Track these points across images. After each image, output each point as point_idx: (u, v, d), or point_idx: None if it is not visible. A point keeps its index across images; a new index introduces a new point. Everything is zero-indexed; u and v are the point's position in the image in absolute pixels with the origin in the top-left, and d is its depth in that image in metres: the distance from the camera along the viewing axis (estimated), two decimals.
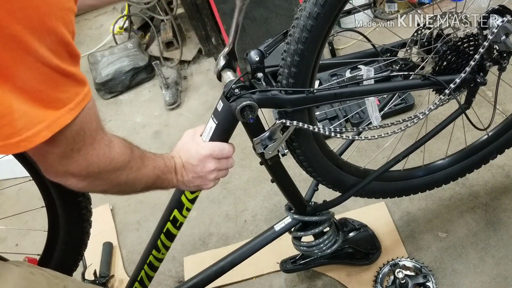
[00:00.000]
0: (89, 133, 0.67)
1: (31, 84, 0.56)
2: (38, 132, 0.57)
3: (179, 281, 1.65)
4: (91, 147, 0.68)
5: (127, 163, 0.77)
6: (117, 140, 0.75)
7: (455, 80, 1.03)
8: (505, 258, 1.41)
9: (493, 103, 1.24)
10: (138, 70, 2.61)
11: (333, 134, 1.00)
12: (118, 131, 2.37)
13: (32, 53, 0.54)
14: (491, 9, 1.01)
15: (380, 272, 1.43)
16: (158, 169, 0.86)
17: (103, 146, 0.71)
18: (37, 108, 0.57)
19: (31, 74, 0.55)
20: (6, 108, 0.54)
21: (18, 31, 0.52)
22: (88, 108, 0.64)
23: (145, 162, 0.83)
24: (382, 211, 1.62)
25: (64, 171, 0.68)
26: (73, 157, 0.66)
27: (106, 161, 0.72)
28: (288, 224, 1.28)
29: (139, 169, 0.81)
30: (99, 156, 0.70)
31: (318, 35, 0.89)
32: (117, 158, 0.74)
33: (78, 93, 0.61)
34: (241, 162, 1.97)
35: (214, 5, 2.08)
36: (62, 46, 0.58)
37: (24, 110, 0.56)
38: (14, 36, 0.52)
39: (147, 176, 0.83)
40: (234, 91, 0.93)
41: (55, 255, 1.22)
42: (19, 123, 0.56)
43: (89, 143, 0.68)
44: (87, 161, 0.68)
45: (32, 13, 0.53)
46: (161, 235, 1.15)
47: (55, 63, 0.57)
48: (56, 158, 0.65)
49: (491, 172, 1.64)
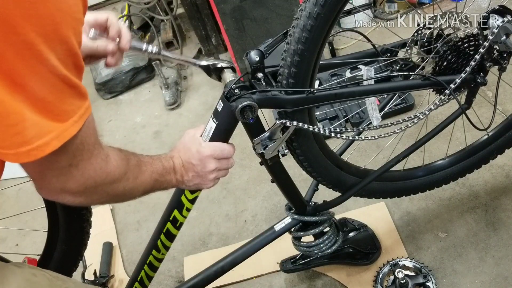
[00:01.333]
0: (87, 147, 0.66)
1: (42, 94, 0.55)
2: (49, 141, 0.57)
3: (179, 281, 1.65)
4: (89, 162, 0.67)
5: (123, 174, 0.76)
6: (113, 153, 0.75)
7: (455, 80, 1.03)
8: (505, 258, 1.41)
9: (493, 103, 1.24)
10: (138, 70, 2.61)
11: (333, 134, 1.00)
12: (118, 131, 2.38)
13: (44, 62, 0.53)
14: (491, 9, 1.01)
15: (380, 272, 1.43)
16: (156, 173, 0.85)
17: (100, 160, 0.70)
18: (45, 119, 0.56)
19: (42, 84, 0.54)
20: (18, 117, 0.54)
21: (32, 38, 0.51)
22: (88, 122, 0.63)
23: (142, 168, 0.82)
24: (382, 211, 1.62)
25: (61, 188, 0.67)
26: (71, 173, 0.65)
27: (103, 175, 0.71)
28: (288, 224, 1.28)
29: (136, 177, 0.80)
30: (96, 171, 0.69)
31: (318, 35, 0.89)
32: (113, 171, 0.73)
33: (80, 106, 0.60)
34: (241, 162, 1.97)
35: (214, 5, 2.08)
36: (71, 56, 0.57)
37: (35, 120, 0.55)
38: (28, 44, 0.51)
39: (145, 183, 0.83)
40: (234, 91, 0.93)
41: (55, 255, 1.22)
42: (30, 132, 0.55)
43: (87, 158, 0.67)
44: (84, 177, 0.68)
45: (46, 20, 0.52)
46: (161, 235, 1.15)
47: (63, 74, 0.56)
48: (55, 175, 0.65)
49: (491, 172, 1.64)
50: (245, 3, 2.05)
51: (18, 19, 0.50)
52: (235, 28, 2.14)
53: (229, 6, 2.07)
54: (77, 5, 0.57)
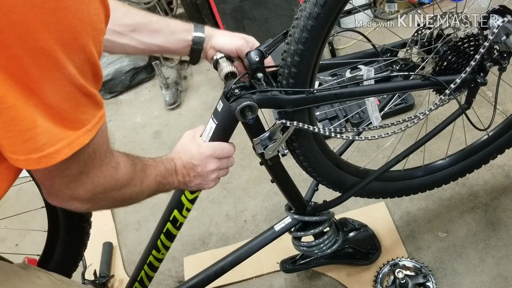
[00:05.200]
0: (99, 155, 0.66)
1: (55, 101, 0.54)
2: (60, 149, 0.56)
3: (179, 281, 1.65)
4: (99, 170, 0.67)
5: (131, 181, 0.76)
6: (122, 160, 0.75)
7: (455, 80, 1.03)
8: (505, 258, 1.41)
9: (493, 103, 1.24)
10: (138, 70, 2.61)
11: (333, 134, 1.00)
12: (118, 131, 2.38)
13: (60, 70, 0.53)
14: (492, 9, 1.01)
15: (380, 272, 1.43)
16: (160, 175, 0.85)
17: (110, 168, 0.70)
18: (57, 126, 0.55)
19: (57, 91, 0.54)
20: (30, 123, 0.53)
21: (50, 45, 0.51)
22: (102, 131, 0.63)
23: (147, 172, 0.82)
24: (382, 211, 1.62)
25: (70, 195, 0.67)
26: (81, 180, 0.65)
27: (112, 182, 0.71)
28: (288, 224, 1.28)
29: (142, 182, 0.80)
30: (106, 178, 0.69)
31: (318, 35, 0.89)
32: (122, 178, 0.73)
33: (95, 115, 0.60)
34: (241, 162, 1.97)
35: (214, 5, 2.08)
36: (89, 65, 0.57)
37: (47, 127, 0.54)
38: (45, 51, 0.51)
39: (150, 186, 0.83)
40: (234, 91, 0.93)
41: (55, 255, 1.22)
42: (41, 139, 0.54)
43: (98, 166, 0.67)
44: (93, 184, 0.67)
45: (65, 28, 0.51)
46: (161, 235, 1.15)
47: (80, 83, 0.55)
48: (65, 182, 0.64)
49: (491, 172, 1.64)
50: (245, 3, 2.06)
51: (36, 26, 0.49)
52: (235, 28, 2.14)
53: (229, 6, 2.07)
54: (99, 15, 0.56)
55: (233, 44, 0.98)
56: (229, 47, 0.98)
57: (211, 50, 1.00)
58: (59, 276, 0.80)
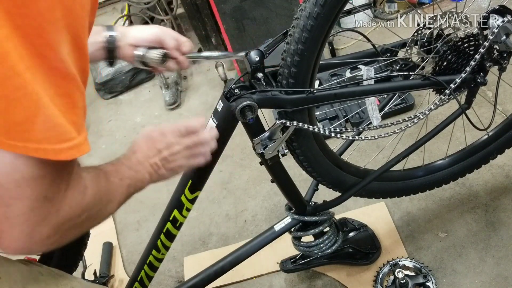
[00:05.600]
0: (67, 177, 0.60)
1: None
2: (63, 149, 0.55)
3: (179, 281, 1.65)
4: (64, 195, 0.60)
5: (98, 200, 0.68)
6: (90, 183, 0.66)
7: (455, 80, 1.03)
8: (505, 258, 1.41)
9: (493, 103, 1.24)
10: (138, 70, 2.60)
11: (333, 134, 1.00)
12: (118, 131, 2.38)
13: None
14: (492, 9, 1.01)
15: (380, 272, 1.43)
16: (126, 178, 0.77)
17: (77, 194, 0.63)
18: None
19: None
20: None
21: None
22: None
23: (111, 181, 0.73)
24: (382, 211, 1.62)
25: (29, 232, 0.57)
26: (44, 208, 0.57)
27: (78, 211, 0.63)
28: (288, 224, 1.28)
29: (109, 194, 0.72)
30: (71, 206, 0.62)
31: (318, 35, 0.89)
32: (90, 202, 0.66)
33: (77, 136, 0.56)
34: (241, 162, 1.97)
35: (214, 5, 2.08)
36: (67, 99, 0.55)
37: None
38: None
39: (120, 193, 0.75)
40: (234, 91, 0.93)
41: (55, 255, 1.22)
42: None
43: (63, 190, 0.60)
44: (58, 214, 0.59)
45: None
46: (161, 235, 1.15)
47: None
48: (26, 210, 0.56)
49: (491, 172, 1.64)
50: (245, 3, 2.06)
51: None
52: (235, 28, 2.14)
53: (229, 6, 2.07)
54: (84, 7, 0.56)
55: (150, 31, 0.94)
56: (148, 34, 0.94)
57: (128, 48, 0.94)
58: (60, 272, 0.80)
